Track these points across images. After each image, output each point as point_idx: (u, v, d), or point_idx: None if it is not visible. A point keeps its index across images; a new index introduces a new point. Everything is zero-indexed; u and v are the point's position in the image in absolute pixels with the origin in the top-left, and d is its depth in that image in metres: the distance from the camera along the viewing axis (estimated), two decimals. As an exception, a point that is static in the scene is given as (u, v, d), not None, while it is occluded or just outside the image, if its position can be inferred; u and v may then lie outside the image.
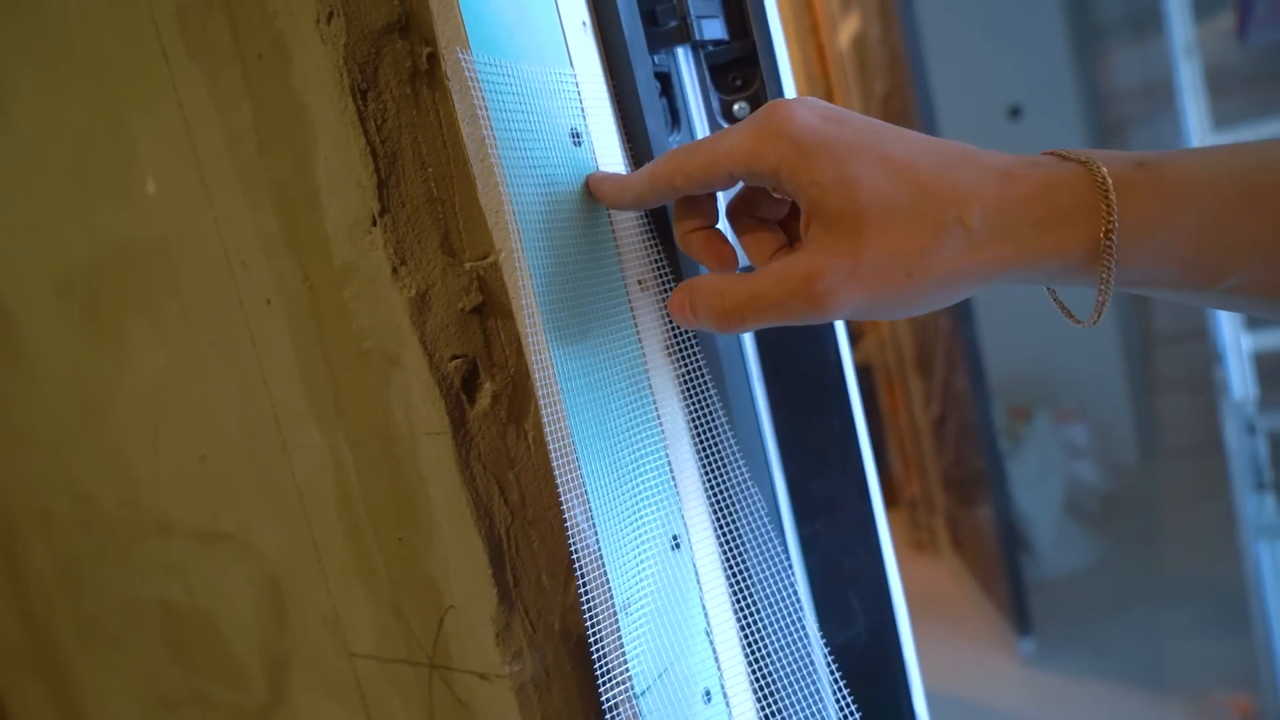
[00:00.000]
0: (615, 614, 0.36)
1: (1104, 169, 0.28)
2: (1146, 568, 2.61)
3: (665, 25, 0.42)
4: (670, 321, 0.40)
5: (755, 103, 0.44)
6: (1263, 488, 1.28)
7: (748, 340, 0.45)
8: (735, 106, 0.45)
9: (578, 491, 0.35)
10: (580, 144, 0.37)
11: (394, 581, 0.44)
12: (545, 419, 0.34)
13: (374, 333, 0.40)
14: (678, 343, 0.41)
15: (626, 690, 0.36)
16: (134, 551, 0.61)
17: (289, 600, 0.50)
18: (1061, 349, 3.11)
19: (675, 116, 0.44)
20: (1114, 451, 3.13)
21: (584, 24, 0.39)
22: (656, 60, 0.42)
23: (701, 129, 0.44)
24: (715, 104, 0.44)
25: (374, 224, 0.39)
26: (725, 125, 0.45)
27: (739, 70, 0.44)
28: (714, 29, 0.43)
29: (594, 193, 0.37)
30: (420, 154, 0.38)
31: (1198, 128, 1.25)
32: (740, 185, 0.35)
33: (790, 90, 0.45)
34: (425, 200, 0.38)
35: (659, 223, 0.40)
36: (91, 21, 0.47)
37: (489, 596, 0.40)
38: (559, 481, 0.35)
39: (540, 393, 0.35)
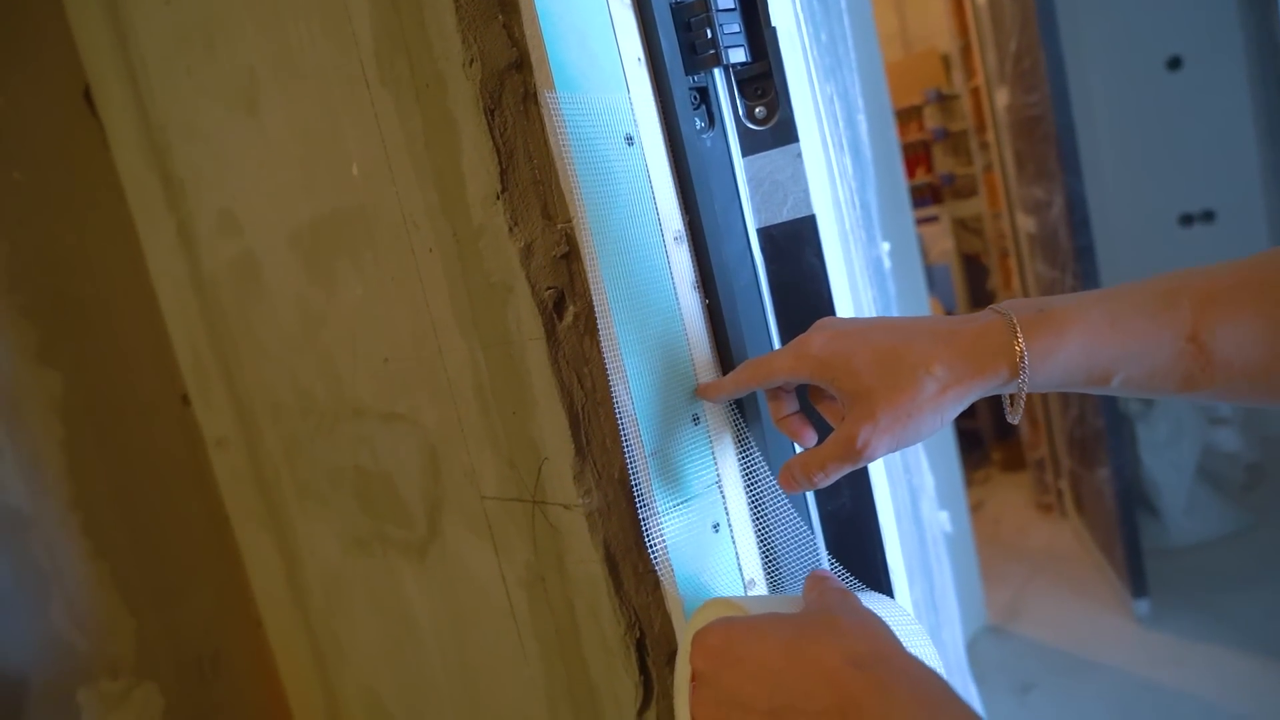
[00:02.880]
0: (646, 459, 0.54)
1: (1015, 318, 0.43)
2: (1284, 540, 2.53)
3: (702, 54, 0.58)
4: (697, 267, 0.58)
5: (770, 108, 0.60)
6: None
7: (763, 280, 0.62)
8: (756, 109, 0.61)
9: (621, 376, 0.53)
10: (633, 144, 0.55)
11: (510, 442, 0.64)
12: (601, 330, 0.53)
13: (498, 271, 0.60)
14: (703, 282, 0.58)
15: (654, 512, 0.55)
16: (337, 430, 0.85)
17: (441, 461, 0.72)
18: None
19: (712, 118, 0.60)
20: (1263, 421, 2.99)
21: (639, 59, 0.56)
22: (695, 79, 0.59)
23: (731, 128, 0.61)
24: (741, 108, 0.61)
25: (498, 198, 0.58)
26: (750, 125, 0.61)
27: (759, 83, 0.60)
28: (738, 54, 0.59)
29: (699, 391, 0.56)
30: (528, 150, 0.56)
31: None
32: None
33: (798, 92, 0.60)
34: (531, 182, 0.57)
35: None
36: (319, 57, 0.68)
37: (570, 451, 0.59)
38: (609, 370, 0.53)
39: (598, 313, 0.53)
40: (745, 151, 0.61)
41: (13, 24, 1.01)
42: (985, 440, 3.68)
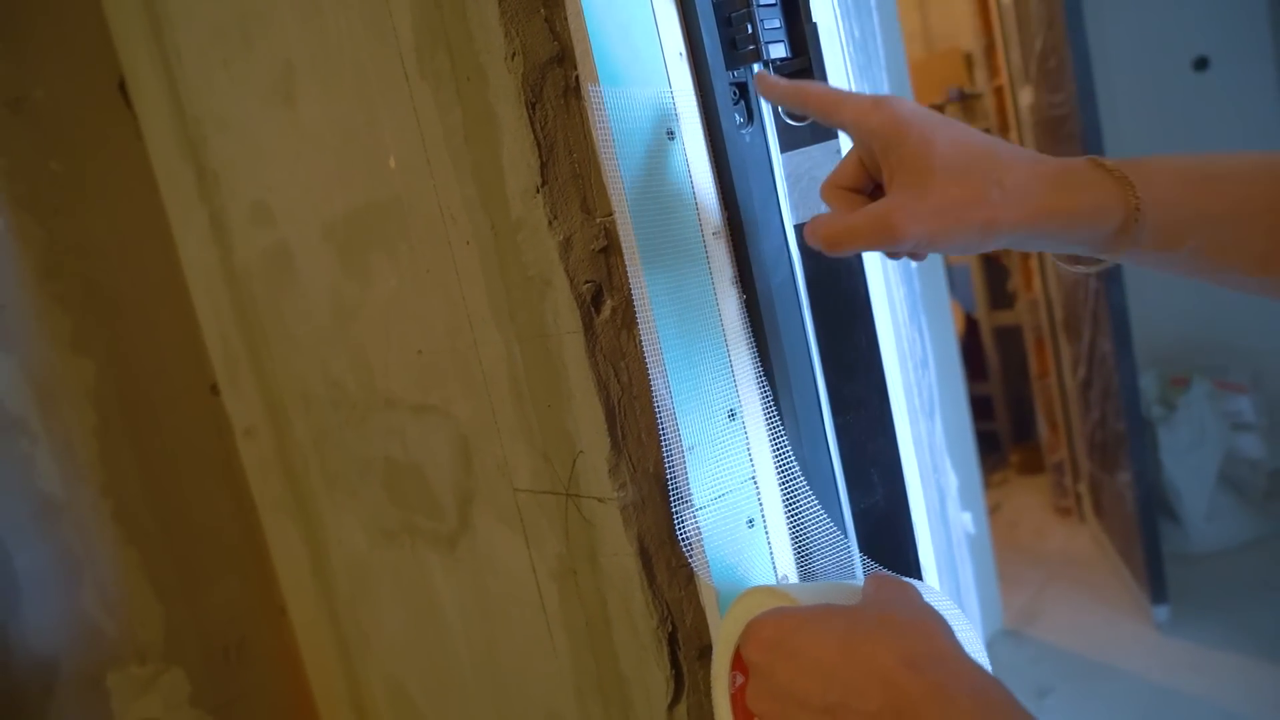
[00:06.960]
0: (684, 453, 0.54)
1: (1105, 160, 0.40)
2: (1308, 548, 2.50)
3: (743, 49, 0.58)
4: (735, 263, 0.57)
5: (810, 103, 0.60)
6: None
7: (800, 276, 0.62)
8: (796, 106, 0.60)
9: (659, 370, 0.53)
10: (674, 138, 0.55)
11: (544, 435, 0.64)
12: (640, 324, 0.53)
13: (536, 264, 0.60)
14: (741, 278, 0.58)
15: (688, 506, 0.55)
16: (368, 422, 0.85)
17: (474, 453, 0.72)
18: (1239, 321, 2.94)
19: (751, 114, 0.60)
20: (1288, 427, 2.96)
21: (680, 54, 0.56)
22: (736, 74, 0.59)
23: (770, 124, 0.60)
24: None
25: (537, 191, 0.58)
26: (789, 121, 0.61)
27: (798, 79, 0.60)
28: (779, 50, 0.59)
29: (756, 83, 0.52)
30: (569, 144, 0.57)
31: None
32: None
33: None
34: (571, 175, 0.57)
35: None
36: (357, 49, 0.68)
37: (605, 445, 0.59)
38: (647, 364, 0.53)
39: (637, 307, 0.53)
40: (784, 147, 0.61)
41: (50, 15, 1.02)
42: (1003, 443, 3.66)
